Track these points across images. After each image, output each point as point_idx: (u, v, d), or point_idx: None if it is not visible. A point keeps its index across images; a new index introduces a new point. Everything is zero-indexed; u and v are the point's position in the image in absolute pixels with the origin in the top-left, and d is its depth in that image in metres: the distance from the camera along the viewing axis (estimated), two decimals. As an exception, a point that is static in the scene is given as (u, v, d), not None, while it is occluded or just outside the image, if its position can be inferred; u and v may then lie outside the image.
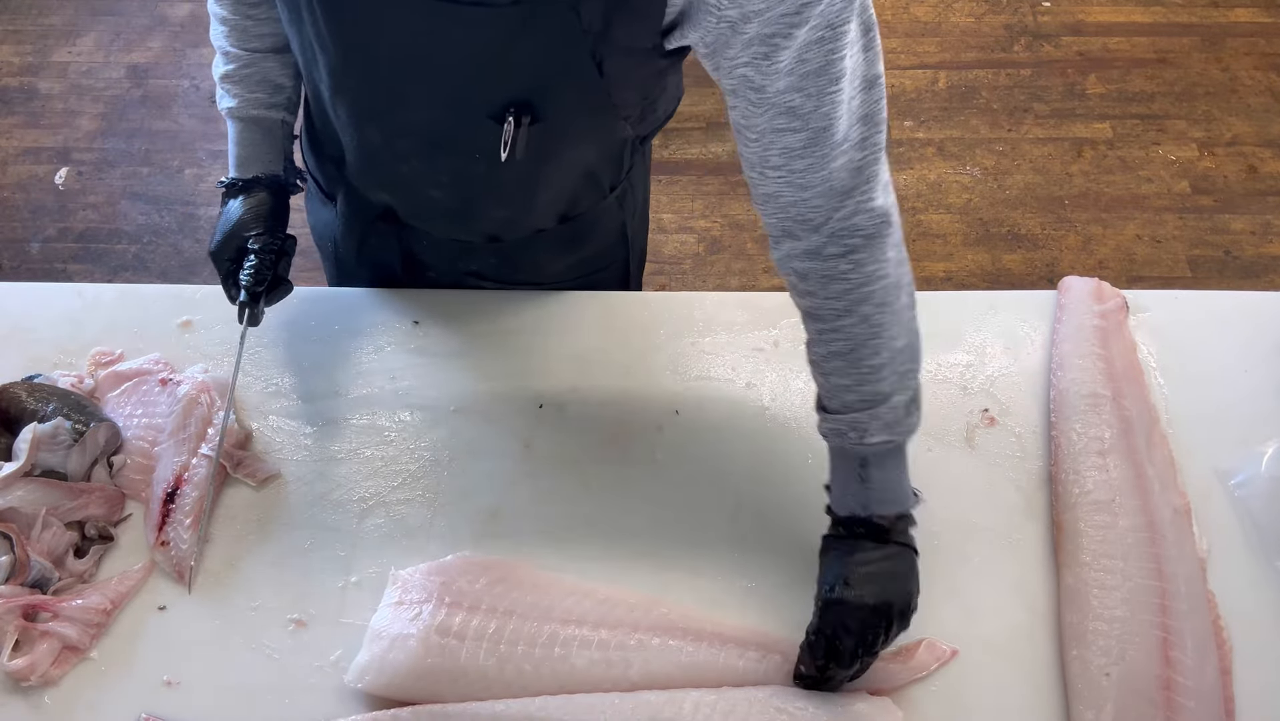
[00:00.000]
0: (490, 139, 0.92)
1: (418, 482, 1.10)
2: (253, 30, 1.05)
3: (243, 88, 1.06)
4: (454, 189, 1.06)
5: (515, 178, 1.03)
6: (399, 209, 1.13)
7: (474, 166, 1.00)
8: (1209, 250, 2.47)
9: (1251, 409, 1.14)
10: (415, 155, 1.02)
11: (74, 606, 0.99)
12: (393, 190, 1.11)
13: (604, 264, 1.25)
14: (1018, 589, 1.03)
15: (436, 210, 1.11)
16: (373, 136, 1.02)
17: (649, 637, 0.97)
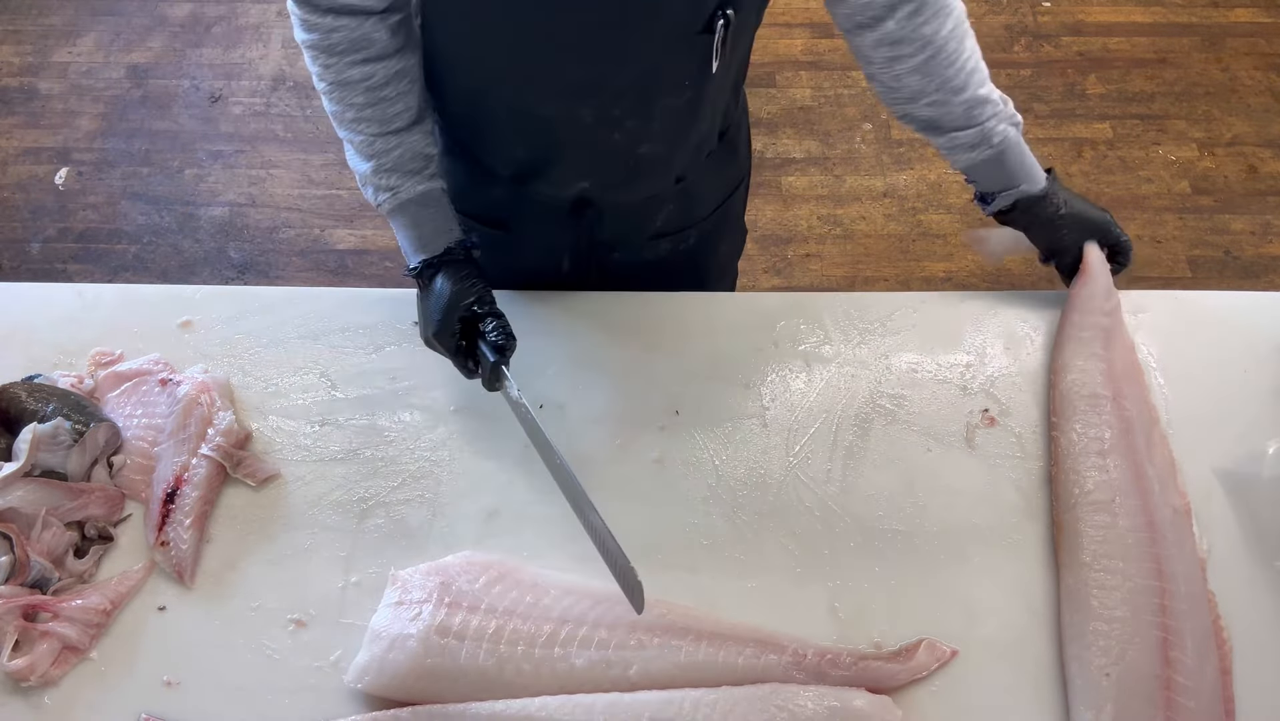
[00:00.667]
0: (701, 55, 0.98)
1: (418, 482, 1.10)
2: (390, 112, 1.02)
3: (400, 171, 1.04)
4: (664, 134, 1.09)
5: (714, 91, 1.07)
6: (595, 192, 1.16)
7: (682, 97, 1.04)
8: (1209, 250, 2.47)
9: (1251, 409, 1.14)
10: (631, 114, 1.04)
11: (74, 606, 0.99)
12: (594, 170, 1.13)
13: (738, 180, 1.30)
14: (1018, 589, 1.03)
15: (639, 170, 1.13)
16: (585, 117, 1.04)
17: (649, 637, 0.97)
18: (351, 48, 0.99)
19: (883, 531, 1.06)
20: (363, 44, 0.99)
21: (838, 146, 2.64)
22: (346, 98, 1.01)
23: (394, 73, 1.01)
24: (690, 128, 1.11)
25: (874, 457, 1.11)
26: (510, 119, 1.08)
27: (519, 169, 1.15)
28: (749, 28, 1.06)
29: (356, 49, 0.99)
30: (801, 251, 2.47)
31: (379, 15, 0.99)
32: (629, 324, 1.21)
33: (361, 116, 1.02)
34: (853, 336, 1.20)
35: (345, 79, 1.00)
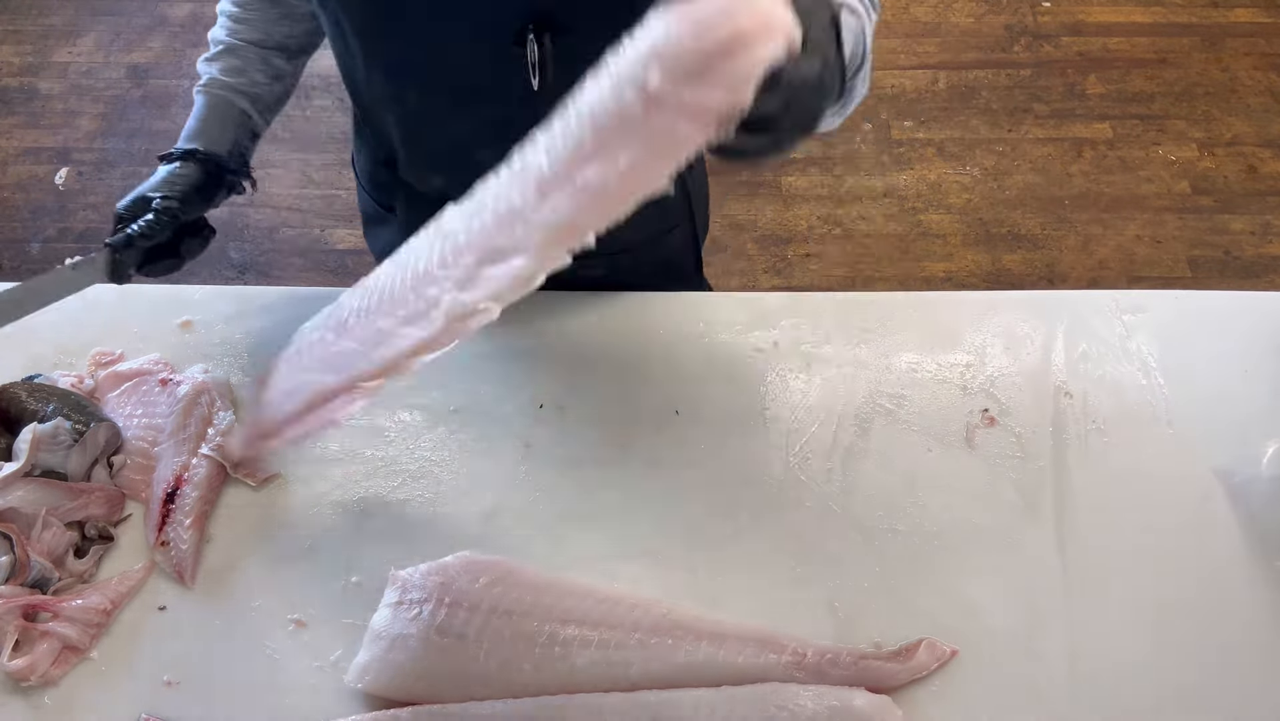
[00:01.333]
0: (518, 69, 0.93)
1: (418, 482, 1.10)
2: (241, 18, 1.09)
3: (214, 67, 1.10)
4: (500, 143, 1.02)
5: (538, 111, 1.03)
6: (453, 190, 1.13)
7: (510, 109, 0.97)
8: (1209, 250, 2.47)
9: (1251, 409, 1.14)
10: (456, 112, 1.03)
11: (74, 606, 0.99)
12: (445, 167, 1.12)
13: (671, 222, 1.27)
14: (1018, 589, 1.03)
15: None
16: (412, 101, 1.04)
17: (649, 637, 0.97)
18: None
19: (883, 531, 1.06)
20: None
21: (838, 146, 2.64)
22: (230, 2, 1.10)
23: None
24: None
25: (874, 457, 1.11)
26: (361, 95, 1.11)
27: (385, 154, 1.16)
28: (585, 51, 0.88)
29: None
30: (801, 251, 2.47)
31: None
32: (628, 324, 1.21)
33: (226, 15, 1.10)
34: (853, 336, 1.20)
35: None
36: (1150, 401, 1.15)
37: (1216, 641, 0.99)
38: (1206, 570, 1.03)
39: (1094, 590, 1.02)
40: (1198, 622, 1.00)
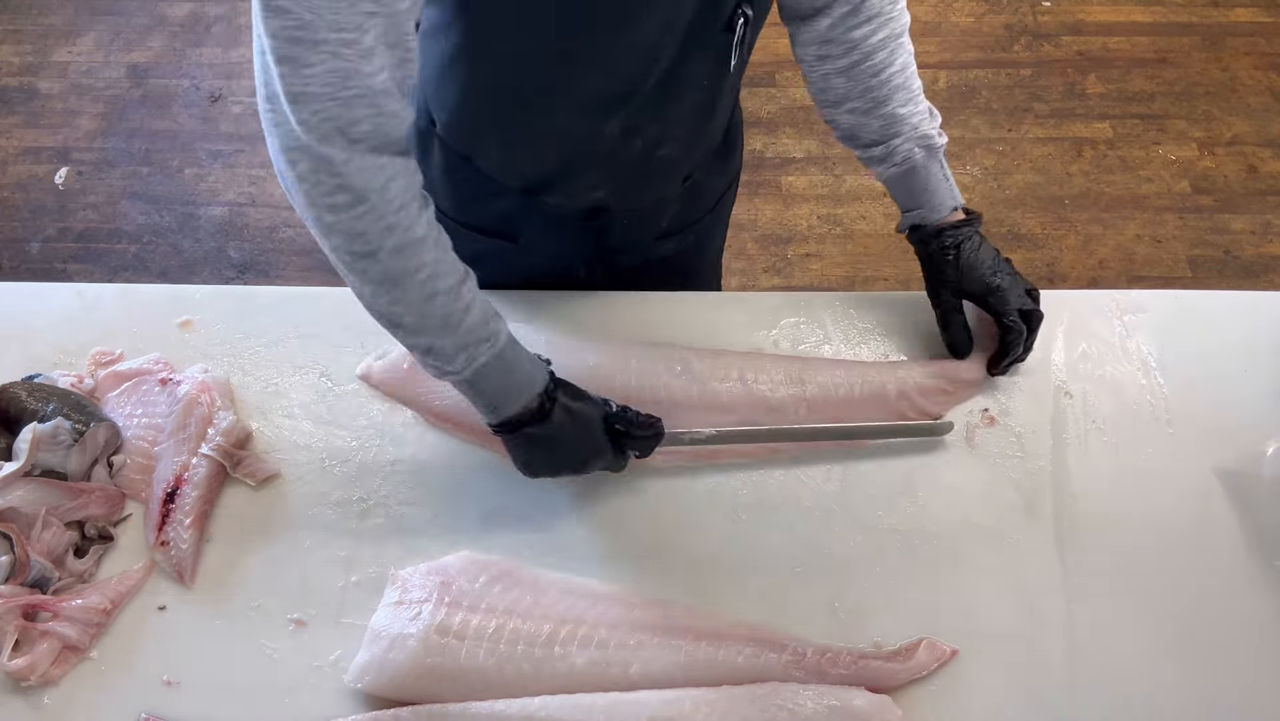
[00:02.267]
0: (720, 53, 0.98)
1: (418, 482, 1.10)
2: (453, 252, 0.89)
3: (494, 317, 0.92)
4: (682, 135, 1.09)
5: (727, 89, 1.08)
6: (610, 199, 1.14)
7: (700, 97, 1.04)
8: (1209, 250, 2.47)
9: (1251, 409, 1.14)
10: (653, 120, 1.03)
11: (74, 606, 0.99)
12: (611, 178, 1.11)
13: (734, 176, 1.31)
14: (1018, 589, 1.03)
15: (654, 173, 1.12)
16: (610, 129, 1.02)
17: (649, 637, 0.97)
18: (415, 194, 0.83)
19: (883, 531, 1.06)
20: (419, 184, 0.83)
21: (838, 146, 2.63)
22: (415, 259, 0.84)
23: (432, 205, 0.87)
24: (705, 127, 1.12)
25: (874, 457, 1.11)
26: (528, 135, 1.04)
27: (530, 183, 1.12)
28: (760, 25, 1.06)
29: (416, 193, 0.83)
30: (801, 251, 2.47)
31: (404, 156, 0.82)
32: (629, 324, 1.21)
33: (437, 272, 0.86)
34: (853, 336, 1.20)
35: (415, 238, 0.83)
36: (1150, 401, 1.15)
37: (1216, 641, 0.99)
38: (1206, 570, 1.03)
39: (1094, 590, 1.02)
40: (1197, 622, 1.00)
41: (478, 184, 1.14)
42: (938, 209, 1.11)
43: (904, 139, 1.08)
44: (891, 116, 1.07)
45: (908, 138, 1.08)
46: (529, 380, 0.95)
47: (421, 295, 0.85)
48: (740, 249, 2.48)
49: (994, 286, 1.10)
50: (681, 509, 1.08)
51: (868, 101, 1.07)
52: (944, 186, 1.11)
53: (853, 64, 1.04)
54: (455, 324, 0.88)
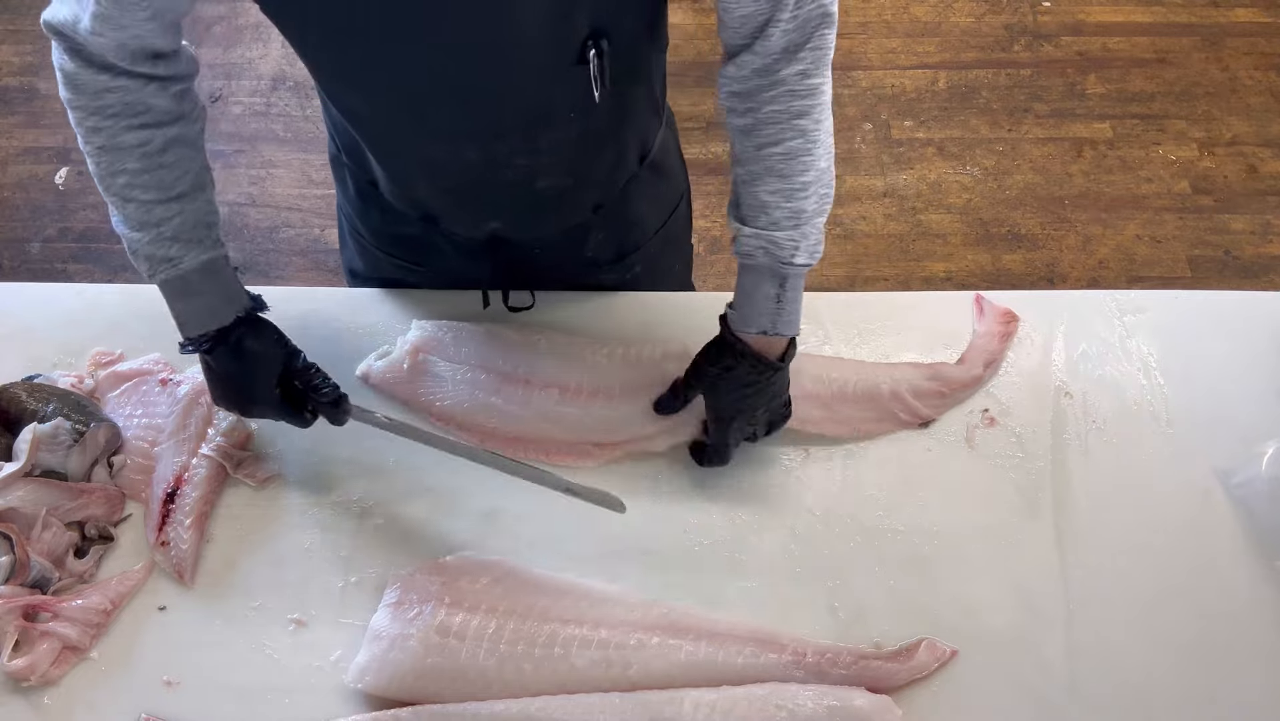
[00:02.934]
0: (580, 86, 0.93)
1: (418, 483, 1.10)
2: (169, 178, 0.96)
3: (182, 240, 0.97)
4: (560, 168, 1.05)
5: (606, 125, 1.04)
6: (508, 230, 1.13)
7: (570, 130, 1.00)
8: (1209, 250, 2.47)
9: (1251, 409, 1.14)
10: (518, 152, 1.01)
11: (74, 606, 0.99)
12: (498, 210, 1.11)
13: (675, 201, 1.27)
14: (1018, 589, 1.03)
15: (545, 205, 1.10)
16: (471, 156, 1.01)
17: (649, 637, 0.97)
18: (126, 111, 0.92)
19: (883, 531, 1.06)
20: (139, 109, 0.93)
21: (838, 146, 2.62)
22: (118, 162, 0.94)
23: (173, 138, 0.95)
24: (592, 158, 1.07)
25: (874, 457, 1.11)
26: (405, 164, 1.07)
27: (423, 211, 1.13)
28: (639, 51, 1.00)
29: (133, 113, 0.93)
30: (801, 251, 2.47)
31: (160, 82, 0.93)
32: (629, 324, 1.21)
33: (136, 183, 0.95)
34: (853, 336, 1.20)
35: (118, 144, 0.93)
36: (1150, 401, 1.15)
37: (1216, 641, 0.99)
38: (1206, 570, 1.03)
39: (1094, 590, 1.02)
40: (1198, 622, 1.00)
41: (384, 210, 1.17)
42: (743, 323, 1.00)
43: (755, 234, 0.96)
44: (755, 202, 0.96)
45: (759, 232, 0.96)
46: (211, 312, 0.99)
47: (120, 197, 0.96)
48: (740, 249, 2.48)
49: (720, 419, 1.04)
50: (681, 509, 1.08)
51: (744, 173, 0.97)
52: (768, 307, 0.98)
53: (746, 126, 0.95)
54: (146, 234, 0.97)
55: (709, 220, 2.54)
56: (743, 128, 0.96)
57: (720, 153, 2.65)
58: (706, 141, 2.67)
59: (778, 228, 0.96)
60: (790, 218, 0.95)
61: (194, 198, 0.98)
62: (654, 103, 1.12)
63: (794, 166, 0.94)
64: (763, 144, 0.94)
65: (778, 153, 0.94)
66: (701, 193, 2.58)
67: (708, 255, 2.48)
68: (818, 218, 0.97)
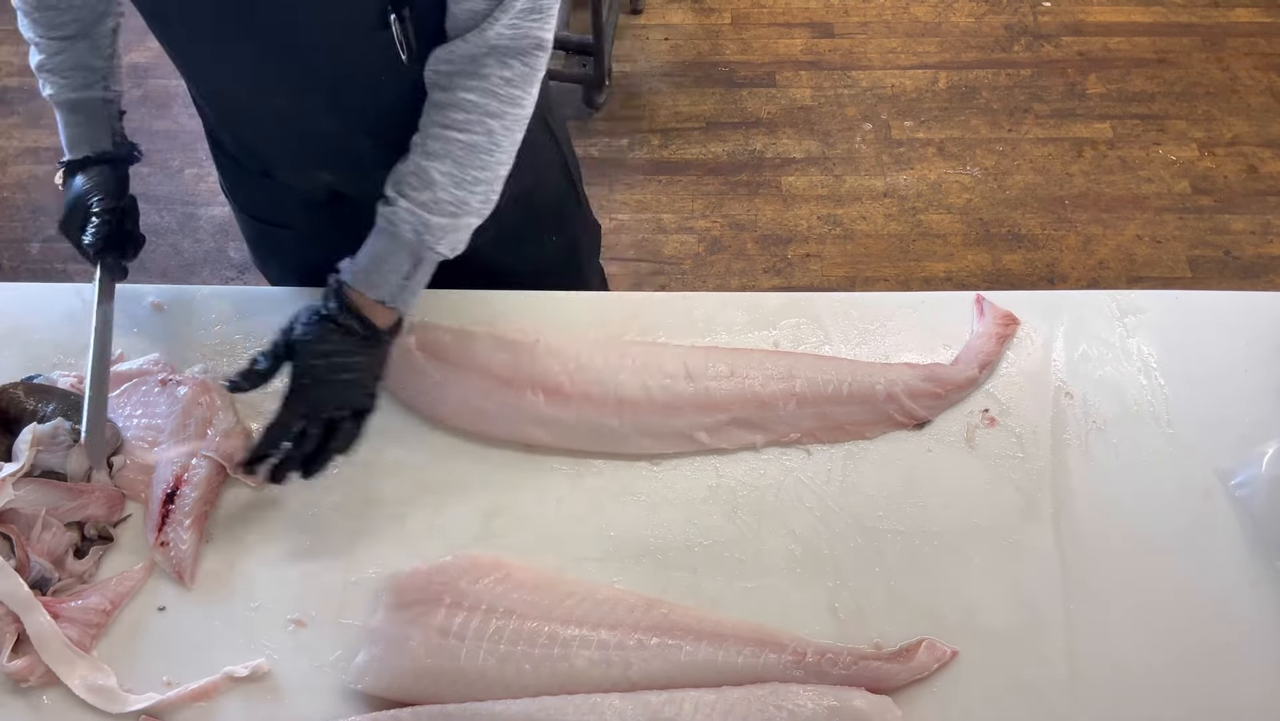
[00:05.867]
0: (386, 50, 0.95)
1: (418, 483, 1.10)
2: (55, 20, 1.09)
3: (58, 74, 1.11)
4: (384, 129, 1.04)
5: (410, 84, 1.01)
6: (344, 185, 1.16)
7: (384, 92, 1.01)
8: (1209, 250, 2.47)
9: (1251, 409, 1.14)
10: (330, 107, 1.03)
11: (74, 606, 0.99)
12: (324, 162, 1.13)
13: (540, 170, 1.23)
14: (1018, 589, 1.03)
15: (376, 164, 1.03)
16: (280, 105, 1.04)
17: (649, 637, 0.97)
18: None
19: (883, 531, 1.06)
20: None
21: (838, 146, 2.64)
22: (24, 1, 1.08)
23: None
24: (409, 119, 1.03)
25: (874, 457, 1.11)
26: (228, 108, 1.12)
27: (259, 161, 1.17)
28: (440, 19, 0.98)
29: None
30: (801, 251, 2.47)
31: None
32: (628, 324, 1.21)
33: (32, 19, 1.09)
34: (853, 336, 1.20)
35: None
36: (1150, 401, 1.15)
37: (1216, 641, 0.99)
38: (1206, 570, 1.03)
39: (1094, 590, 1.02)
40: (1198, 622, 1.00)
41: (233, 165, 1.23)
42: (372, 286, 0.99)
43: (410, 209, 0.96)
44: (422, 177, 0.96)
45: (414, 210, 0.97)
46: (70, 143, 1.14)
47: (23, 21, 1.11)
48: (740, 249, 2.48)
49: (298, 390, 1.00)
50: (681, 509, 1.08)
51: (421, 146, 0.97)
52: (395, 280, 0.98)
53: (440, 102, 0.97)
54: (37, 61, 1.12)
55: (709, 220, 2.54)
56: (436, 102, 0.97)
57: (720, 153, 2.65)
58: (706, 142, 2.67)
59: (437, 210, 0.97)
60: (453, 204, 0.97)
61: (76, 42, 1.10)
62: None
63: (472, 159, 0.96)
64: (449, 125, 0.96)
65: (461, 140, 0.96)
66: (702, 193, 2.58)
67: (708, 255, 2.48)
68: (473, 218, 0.99)
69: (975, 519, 1.07)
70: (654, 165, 2.64)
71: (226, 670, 0.97)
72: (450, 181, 0.97)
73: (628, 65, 2.85)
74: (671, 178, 2.61)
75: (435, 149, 0.97)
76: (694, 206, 2.56)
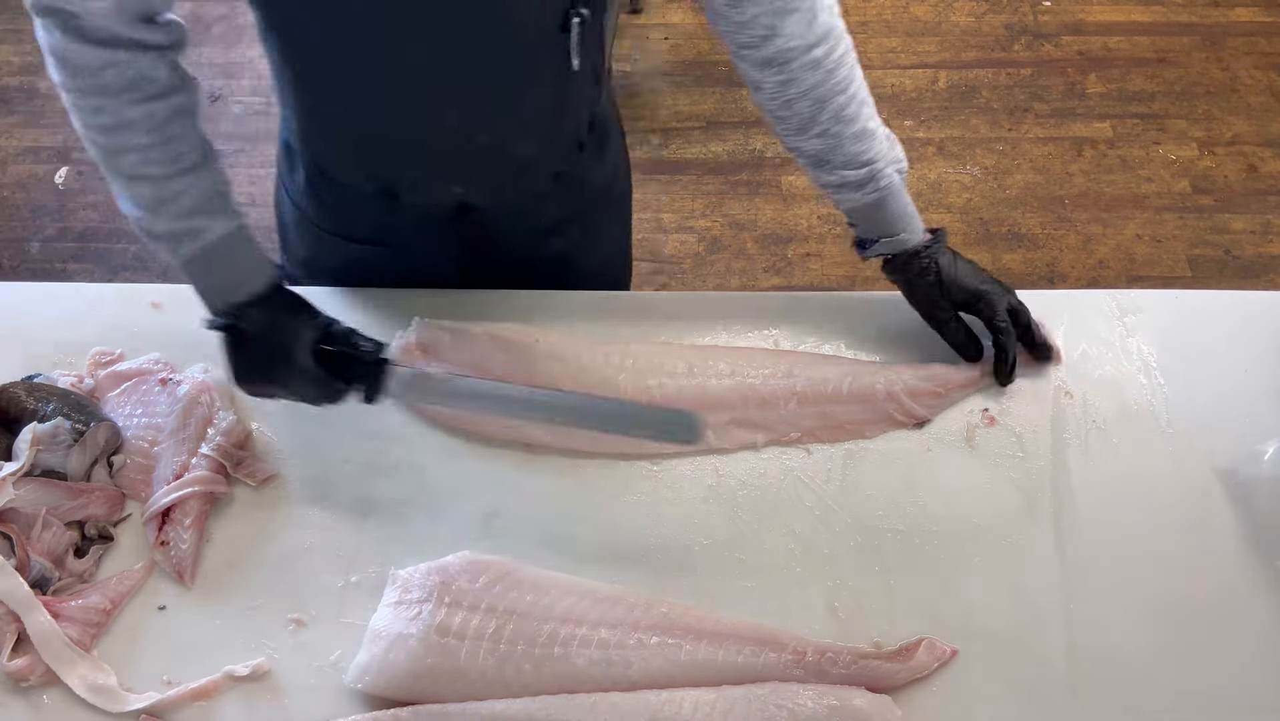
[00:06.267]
0: (561, 53, 0.98)
1: (418, 482, 1.10)
2: (179, 150, 0.95)
3: (202, 213, 0.96)
4: (533, 133, 1.08)
5: (575, 93, 1.08)
6: (474, 197, 1.15)
7: (546, 96, 1.04)
8: (1209, 250, 2.47)
9: (1251, 409, 1.14)
10: (497, 116, 1.04)
11: (74, 606, 0.99)
12: (467, 176, 1.12)
13: (614, 166, 1.28)
14: (1018, 589, 1.03)
15: (514, 171, 1.12)
16: (450, 122, 1.03)
17: (649, 637, 0.97)
18: (128, 86, 0.90)
19: (883, 531, 1.06)
20: (141, 81, 0.91)
21: (838, 146, 2.64)
22: (126, 140, 0.92)
23: (177, 108, 0.94)
24: (559, 124, 1.11)
25: (874, 457, 1.11)
26: (374, 135, 1.07)
27: (386, 184, 1.13)
28: (602, 22, 1.05)
29: (135, 87, 0.90)
30: (801, 251, 2.47)
31: (157, 51, 0.92)
32: (628, 324, 1.21)
33: (147, 159, 0.93)
34: (853, 336, 1.20)
35: (124, 120, 0.91)
36: (1150, 401, 1.15)
37: (1216, 641, 0.99)
38: (1206, 570, 1.03)
39: (1094, 590, 1.02)
40: (1197, 622, 1.00)
41: (338, 192, 1.16)
42: (915, 231, 1.10)
43: (884, 160, 1.06)
44: (864, 132, 1.04)
45: (887, 160, 1.06)
46: (239, 283, 0.97)
47: (129, 177, 0.94)
48: (740, 249, 2.48)
49: (981, 292, 1.11)
50: (681, 509, 1.08)
51: (840, 121, 1.03)
52: (912, 209, 1.10)
53: (818, 82, 1.01)
54: (163, 212, 0.95)
55: (709, 220, 2.54)
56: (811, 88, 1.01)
57: (720, 152, 2.65)
58: (706, 141, 2.67)
59: (891, 145, 1.07)
60: (888, 137, 1.07)
61: (206, 168, 0.96)
62: (602, 71, 1.15)
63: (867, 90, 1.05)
64: (844, 85, 1.02)
65: (858, 85, 1.04)
66: (702, 192, 2.58)
67: (708, 255, 2.48)
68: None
69: (975, 518, 1.07)
70: (654, 164, 2.64)
71: (226, 669, 0.97)
72: (877, 124, 1.06)
73: (627, 65, 2.85)
74: (671, 177, 2.61)
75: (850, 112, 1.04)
76: (694, 206, 2.56)
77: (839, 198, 1.10)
